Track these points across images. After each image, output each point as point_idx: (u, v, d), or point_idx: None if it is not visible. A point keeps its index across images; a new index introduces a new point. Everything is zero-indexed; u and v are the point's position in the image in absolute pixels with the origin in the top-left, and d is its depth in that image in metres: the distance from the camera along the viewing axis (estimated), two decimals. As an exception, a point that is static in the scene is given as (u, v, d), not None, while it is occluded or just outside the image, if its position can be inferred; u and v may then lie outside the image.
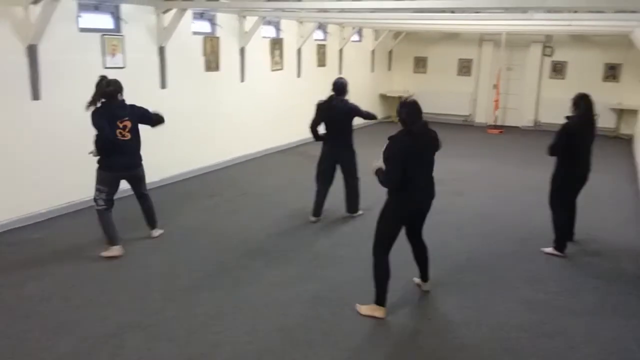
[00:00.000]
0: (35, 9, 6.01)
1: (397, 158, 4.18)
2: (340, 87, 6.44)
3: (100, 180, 5.38)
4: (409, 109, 4.24)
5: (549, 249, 5.86)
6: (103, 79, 5.20)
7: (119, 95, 5.27)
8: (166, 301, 4.62)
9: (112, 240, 5.48)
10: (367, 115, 6.70)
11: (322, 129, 6.65)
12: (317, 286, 4.96)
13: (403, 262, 5.42)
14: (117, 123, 5.24)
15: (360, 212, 6.89)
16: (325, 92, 6.70)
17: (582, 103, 5.70)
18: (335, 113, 6.42)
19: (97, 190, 5.39)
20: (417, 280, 5.02)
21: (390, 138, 4.27)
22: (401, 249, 5.37)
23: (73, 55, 6.65)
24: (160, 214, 6.61)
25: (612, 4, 6.74)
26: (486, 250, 5.93)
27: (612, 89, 13.36)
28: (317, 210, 6.70)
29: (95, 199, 5.43)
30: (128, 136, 5.34)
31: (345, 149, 6.62)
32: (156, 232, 6.00)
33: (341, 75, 6.95)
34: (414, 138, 4.22)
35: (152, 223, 5.99)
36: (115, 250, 5.46)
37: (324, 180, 6.70)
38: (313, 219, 6.69)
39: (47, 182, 6.49)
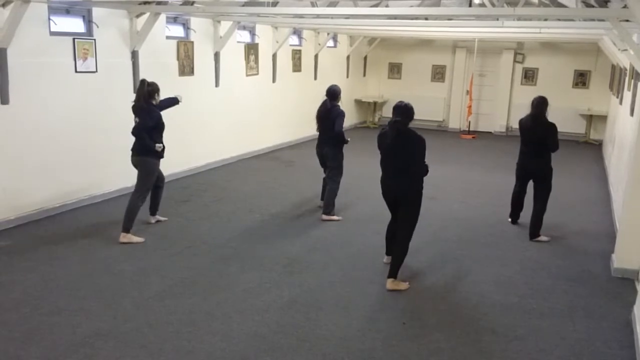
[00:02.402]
0: (4, 12, 5.89)
1: (377, 143, 5.15)
2: (332, 93, 6.96)
3: None
4: (394, 109, 4.99)
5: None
6: (144, 80, 5.94)
7: (156, 95, 5.95)
8: (138, 308, 4.55)
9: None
10: (334, 130, 6.87)
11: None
12: (292, 292, 4.95)
13: (376, 270, 5.49)
14: (135, 119, 6.00)
15: (339, 218, 6.94)
16: (300, 97, 6.72)
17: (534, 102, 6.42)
18: (326, 115, 6.88)
19: None
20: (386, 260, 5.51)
21: None
22: (377, 256, 5.43)
23: (43, 59, 6.53)
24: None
25: (577, 13, 6.90)
26: (459, 254, 5.98)
27: (581, 95, 13.68)
28: (322, 195, 7.32)
29: None
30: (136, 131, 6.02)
31: (330, 149, 6.95)
32: (124, 238, 5.95)
33: (334, 83, 7.27)
34: (387, 132, 4.97)
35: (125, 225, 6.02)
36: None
37: (323, 170, 7.29)
38: (320, 202, 7.39)
39: (15, 188, 6.35)
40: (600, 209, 7.88)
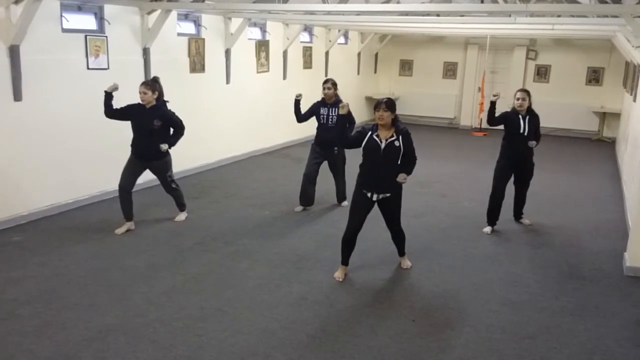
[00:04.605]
0: (17, 9, 5.94)
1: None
2: None
3: None
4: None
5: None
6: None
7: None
8: (149, 304, 4.58)
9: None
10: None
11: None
12: (301, 288, 4.96)
13: (386, 267, 5.48)
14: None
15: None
16: (311, 94, 6.73)
17: None
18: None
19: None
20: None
21: None
22: (386, 253, 5.41)
23: (56, 56, 6.58)
24: (144, 215, 6.60)
25: (591, 9, 6.84)
26: (469, 253, 5.96)
27: (595, 93, 13.54)
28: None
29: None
30: None
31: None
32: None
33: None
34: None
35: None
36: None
37: None
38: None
39: (28, 183, 6.41)
40: (612, 207, 7.81)
